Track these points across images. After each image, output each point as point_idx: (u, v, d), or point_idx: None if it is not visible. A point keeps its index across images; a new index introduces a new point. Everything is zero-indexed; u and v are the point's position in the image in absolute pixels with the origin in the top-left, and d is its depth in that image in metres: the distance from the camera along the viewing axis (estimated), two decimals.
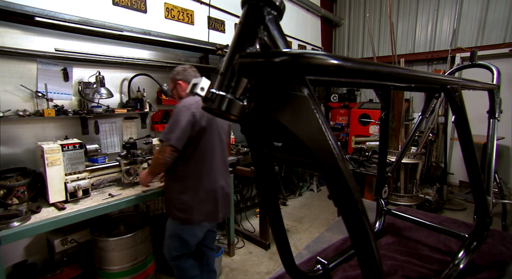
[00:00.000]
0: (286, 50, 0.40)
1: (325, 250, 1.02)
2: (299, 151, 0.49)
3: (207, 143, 1.73)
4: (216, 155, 1.80)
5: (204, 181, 1.74)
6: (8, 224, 1.42)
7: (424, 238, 1.02)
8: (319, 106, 0.42)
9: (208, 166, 1.76)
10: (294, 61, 0.38)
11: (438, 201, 3.45)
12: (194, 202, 1.72)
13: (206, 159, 1.75)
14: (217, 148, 1.81)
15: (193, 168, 1.72)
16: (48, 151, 1.69)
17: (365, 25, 5.76)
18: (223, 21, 3.55)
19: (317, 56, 0.38)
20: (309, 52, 0.38)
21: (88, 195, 1.85)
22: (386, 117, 0.98)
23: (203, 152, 1.73)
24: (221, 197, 1.82)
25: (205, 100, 0.36)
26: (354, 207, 0.43)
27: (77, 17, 2.11)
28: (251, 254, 2.79)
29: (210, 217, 1.78)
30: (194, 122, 1.64)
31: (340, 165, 0.42)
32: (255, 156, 0.55)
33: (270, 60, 0.39)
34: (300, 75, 0.42)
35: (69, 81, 2.28)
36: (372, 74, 0.45)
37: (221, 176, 1.82)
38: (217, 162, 1.81)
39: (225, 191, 1.86)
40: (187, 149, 1.69)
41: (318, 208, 4.00)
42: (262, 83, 0.39)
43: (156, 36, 2.61)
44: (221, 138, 1.86)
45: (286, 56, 0.39)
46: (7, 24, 1.94)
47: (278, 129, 0.50)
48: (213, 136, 1.77)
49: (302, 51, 0.39)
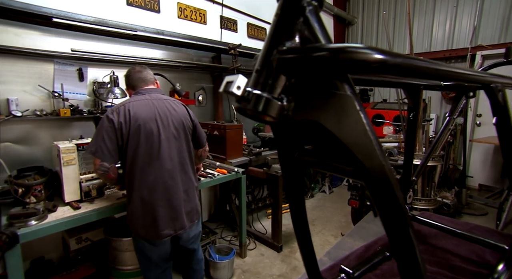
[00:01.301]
0: (327, 45, 0.36)
1: (348, 257, 0.97)
2: (335, 156, 0.44)
3: (139, 149, 1.49)
4: (162, 162, 1.53)
5: (137, 191, 1.51)
6: (26, 222, 1.43)
7: (453, 247, 0.95)
8: (363, 106, 0.37)
9: (143, 174, 1.50)
10: (334, 56, 0.34)
11: (457, 205, 3.31)
12: (132, 214, 1.54)
13: (138, 167, 1.50)
14: (162, 153, 1.53)
15: (128, 177, 1.53)
16: (64, 151, 1.70)
17: (379, 24, 5.62)
18: (236, 20, 3.52)
19: (360, 50, 0.34)
20: (351, 46, 0.34)
21: (102, 194, 1.86)
22: (414, 118, 0.93)
23: (135, 159, 1.50)
24: (163, 209, 1.53)
25: (240, 100, 0.33)
26: (401, 220, 0.38)
27: (92, 18, 2.12)
28: (263, 256, 2.75)
29: (149, 232, 1.53)
30: (114, 128, 1.45)
31: (388, 173, 0.37)
32: (284, 160, 0.51)
33: (310, 55, 0.35)
34: (342, 72, 0.37)
35: (84, 81, 2.30)
36: (420, 71, 0.40)
37: (169, 185, 1.55)
38: (163, 169, 1.53)
39: (173, 202, 1.56)
40: (124, 156, 1.52)
41: (330, 210, 3.92)
42: (302, 81, 0.35)
43: (169, 35, 2.61)
44: (174, 141, 1.59)
45: (326, 51, 0.35)
46: (26, 26, 1.98)
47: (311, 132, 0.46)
48: (152, 141, 1.51)
49: (344, 45, 0.35)
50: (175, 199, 1.57)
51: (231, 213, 3.17)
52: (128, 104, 1.53)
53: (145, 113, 1.53)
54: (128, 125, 1.48)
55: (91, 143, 1.49)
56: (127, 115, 1.49)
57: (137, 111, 1.51)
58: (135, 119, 1.49)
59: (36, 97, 2.07)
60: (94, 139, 1.48)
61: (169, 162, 1.56)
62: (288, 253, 2.82)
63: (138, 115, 1.50)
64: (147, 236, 1.55)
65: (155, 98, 1.62)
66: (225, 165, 2.63)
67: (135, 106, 1.53)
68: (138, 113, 1.50)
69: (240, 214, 2.56)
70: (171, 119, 1.60)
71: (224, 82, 0.34)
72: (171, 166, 1.57)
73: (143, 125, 1.50)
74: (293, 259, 2.71)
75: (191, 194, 1.68)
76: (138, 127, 1.49)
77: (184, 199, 1.63)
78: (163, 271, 1.70)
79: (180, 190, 1.60)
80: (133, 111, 1.50)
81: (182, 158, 1.64)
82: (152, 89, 1.66)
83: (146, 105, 1.55)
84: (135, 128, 1.49)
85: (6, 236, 1.29)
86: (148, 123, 1.51)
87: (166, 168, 1.55)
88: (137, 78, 1.66)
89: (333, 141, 0.38)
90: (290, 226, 3.34)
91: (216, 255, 2.43)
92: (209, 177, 2.29)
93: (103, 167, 1.46)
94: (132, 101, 1.55)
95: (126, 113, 1.49)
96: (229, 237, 3.07)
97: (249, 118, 0.37)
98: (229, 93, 0.32)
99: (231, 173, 2.42)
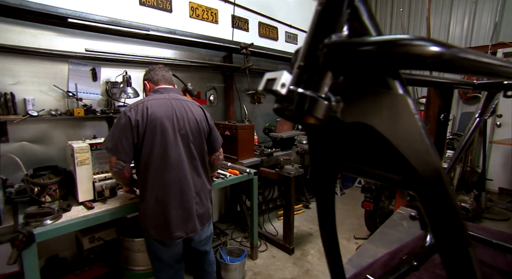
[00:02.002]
0: (377, 37, 0.31)
1: (372, 265, 0.91)
2: (379, 162, 0.40)
3: (154, 149, 1.47)
4: (176, 163, 1.51)
5: (150, 191, 1.49)
6: (42, 221, 1.44)
7: (489, 258, 0.88)
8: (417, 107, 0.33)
9: (157, 174, 1.48)
10: (385, 50, 0.30)
11: (476, 209, 3.18)
12: (144, 214, 1.52)
13: (152, 167, 1.48)
14: (176, 154, 1.51)
15: (141, 176, 1.51)
16: (78, 151, 1.70)
17: (392, 21, 5.49)
18: (247, 19, 3.49)
19: (416, 42, 0.29)
20: (404, 38, 0.30)
21: (115, 194, 1.86)
22: (445, 119, 0.87)
23: (150, 158, 1.48)
24: (176, 211, 1.51)
25: (281, 100, 0.29)
26: (460, 236, 0.34)
27: (106, 18, 2.13)
28: (274, 258, 2.71)
29: (160, 233, 1.52)
30: (131, 126, 1.43)
31: (445, 182, 0.33)
32: (317, 165, 0.47)
33: (359, 49, 0.30)
34: (394, 68, 0.33)
35: (97, 81, 2.32)
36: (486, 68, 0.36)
37: (182, 187, 1.53)
38: (177, 170, 1.51)
39: (185, 204, 1.54)
40: (139, 155, 1.50)
41: (342, 212, 3.84)
42: (351, 78, 0.31)
43: (182, 35, 2.60)
44: (189, 142, 1.57)
45: (376, 44, 0.30)
46: (43, 27, 2.00)
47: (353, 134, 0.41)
48: (168, 141, 1.49)
49: (396, 37, 0.30)
50: (187, 201, 1.55)
51: (242, 214, 3.14)
52: (146, 102, 1.51)
53: (162, 112, 1.51)
54: (145, 123, 1.47)
55: (107, 139, 1.48)
56: (144, 113, 1.47)
57: (154, 110, 1.49)
58: (152, 117, 1.47)
59: (51, 97, 2.09)
60: (110, 135, 1.47)
61: (183, 164, 1.54)
62: (300, 255, 2.77)
63: (155, 114, 1.48)
64: (158, 237, 1.54)
65: (174, 98, 1.60)
66: (237, 165, 2.60)
67: (153, 105, 1.51)
68: (155, 112, 1.49)
69: (252, 216, 2.52)
70: (187, 120, 1.58)
71: (264, 80, 0.30)
72: (185, 168, 1.55)
73: (159, 125, 1.48)
74: (305, 262, 2.66)
75: (203, 197, 1.66)
76: (155, 126, 1.48)
77: (196, 201, 1.61)
78: (175, 272, 1.68)
79: (192, 192, 1.58)
80: (151, 109, 1.49)
81: (196, 160, 1.62)
82: (170, 89, 1.66)
83: (164, 105, 1.54)
84: (151, 126, 1.47)
85: (23, 235, 1.29)
86: (164, 122, 1.50)
87: (180, 169, 1.53)
88: (161, 75, 1.66)
89: (380, 146, 0.34)
90: (301, 228, 3.29)
91: (227, 256, 2.41)
92: (221, 178, 2.26)
93: (119, 165, 1.46)
94: (150, 100, 1.54)
95: (144, 111, 1.47)
96: (240, 238, 3.04)
97: (289, 120, 0.33)
98: (272, 92, 0.28)
99: (243, 174, 2.39)
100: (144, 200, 1.52)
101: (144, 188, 1.52)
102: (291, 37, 4.17)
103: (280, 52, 3.75)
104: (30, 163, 1.94)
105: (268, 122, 3.75)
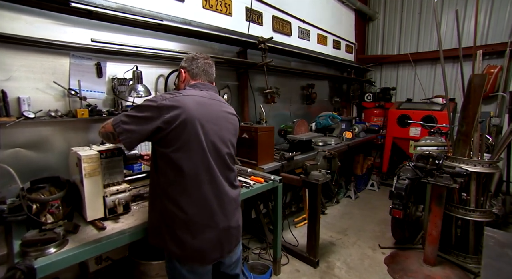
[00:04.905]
0: None
1: None
2: None
3: (189, 154, 1.20)
4: (212, 173, 1.26)
5: (183, 204, 1.22)
6: (44, 250, 1.16)
7: None
8: None
9: (191, 186, 1.22)
10: None
11: (506, 215, 3.02)
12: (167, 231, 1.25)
13: (186, 176, 1.20)
14: (212, 163, 1.26)
15: (171, 186, 1.23)
16: (86, 160, 1.42)
17: (402, 19, 5.32)
18: (261, 12, 3.23)
19: None
20: None
21: (128, 210, 1.58)
22: None
23: (183, 164, 1.19)
24: (213, 228, 1.27)
25: None
26: None
27: (115, 4, 1.84)
28: (298, 272, 2.47)
29: (189, 256, 1.25)
30: (161, 120, 1.15)
31: None
32: None
33: None
34: None
35: (103, 77, 2.02)
36: None
37: (220, 201, 1.29)
38: (214, 183, 1.27)
39: (224, 220, 1.30)
40: (168, 158, 1.20)
41: (360, 218, 3.63)
42: None
43: (197, 26, 2.33)
44: (225, 150, 1.33)
45: None
46: (40, 13, 1.70)
47: None
48: (203, 148, 1.23)
49: None
50: (225, 217, 1.31)
51: (259, 224, 2.89)
52: (187, 96, 1.24)
53: (202, 114, 1.24)
54: (182, 122, 1.18)
55: (123, 120, 1.17)
56: (185, 109, 1.19)
57: (194, 108, 1.22)
58: (191, 118, 1.20)
59: (50, 95, 1.79)
60: (130, 117, 1.17)
61: (219, 175, 1.29)
62: (326, 268, 2.54)
63: (194, 113, 1.21)
64: (187, 260, 1.27)
65: (214, 98, 1.37)
66: (259, 172, 2.35)
67: (194, 102, 1.25)
68: (195, 112, 1.22)
69: (276, 228, 2.28)
70: (225, 127, 1.36)
71: None
72: (221, 180, 1.30)
73: (199, 126, 1.22)
74: (333, 276, 2.43)
75: (237, 212, 1.42)
76: (193, 127, 1.20)
77: (231, 217, 1.35)
78: None
79: (229, 206, 1.34)
80: (191, 107, 1.22)
81: (230, 170, 1.37)
82: (210, 87, 1.42)
83: (204, 105, 1.28)
84: (189, 128, 1.19)
85: (21, 272, 1.01)
86: (204, 125, 1.24)
87: (218, 181, 1.28)
88: (204, 68, 1.42)
89: None
90: (321, 237, 3.01)
91: (250, 273, 2.16)
92: (245, 187, 2.01)
93: (105, 136, 1.27)
94: (190, 95, 1.27)
95: (185, 107, 1.20)
96: (258, 249, 2.79)
97: None
98: None
99: (268, 182, 2.14)
100: (169, 214, 1.25)
101: (171, 199, 1.23)
102: (303, 33, 3.94)
103: (295, 48, 3.51)
104: (26, 173, 1.64)
105: (280, 122, 3.51)
